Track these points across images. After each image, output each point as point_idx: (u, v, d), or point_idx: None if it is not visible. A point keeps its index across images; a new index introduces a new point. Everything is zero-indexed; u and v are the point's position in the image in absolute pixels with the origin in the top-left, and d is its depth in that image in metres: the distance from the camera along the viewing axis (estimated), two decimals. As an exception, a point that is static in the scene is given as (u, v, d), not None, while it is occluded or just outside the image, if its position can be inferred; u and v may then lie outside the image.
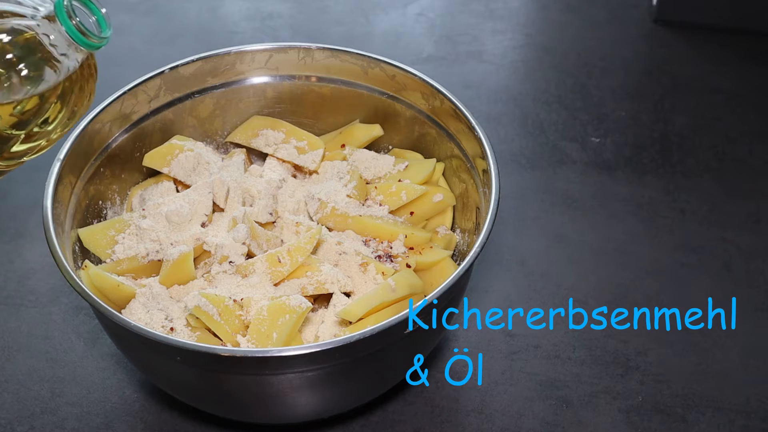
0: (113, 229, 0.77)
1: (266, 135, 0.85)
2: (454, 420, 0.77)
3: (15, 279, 0.88)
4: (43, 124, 0.59)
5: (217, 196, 0.79)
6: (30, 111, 0.58)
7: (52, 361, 0.81)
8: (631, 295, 0.87)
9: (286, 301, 0.68)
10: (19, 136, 0.59)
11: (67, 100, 0.60)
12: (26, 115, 0.58)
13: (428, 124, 0.83)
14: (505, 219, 0.94)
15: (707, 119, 1.07)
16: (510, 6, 1.27)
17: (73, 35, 0.57)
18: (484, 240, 0.67)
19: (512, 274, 0.89)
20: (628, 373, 0.81)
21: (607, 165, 1.01)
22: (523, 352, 0.82)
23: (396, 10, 1.26)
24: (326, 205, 0.77)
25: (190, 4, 1.26)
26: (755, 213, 0.96)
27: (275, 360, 0.62)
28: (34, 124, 0.59)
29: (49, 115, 0.59)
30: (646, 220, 0.95)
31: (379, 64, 0.83)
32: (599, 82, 1.13)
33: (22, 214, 0.94)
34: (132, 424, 0.76)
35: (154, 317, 0.70)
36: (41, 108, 0.58)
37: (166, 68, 0.82)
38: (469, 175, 0.79)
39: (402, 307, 0.69)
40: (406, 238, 0.77)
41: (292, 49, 0.84)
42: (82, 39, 0.57)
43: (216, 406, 0.72)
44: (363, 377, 0.69)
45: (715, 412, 0.78)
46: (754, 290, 0.88)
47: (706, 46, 1.18)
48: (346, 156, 0.84)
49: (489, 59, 1.17)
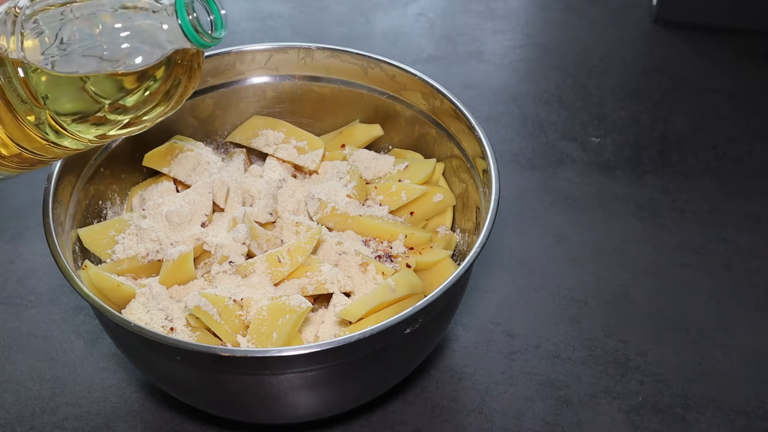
0: (113, 229, 0.77)
1: (266, 135, 0.85)
2: (454, 420, 0.77)
3: (15, 279, 0.88)
4: (123, 109, 0.59)
5: (217, 196, 0.79)
6: (122, 89, 0.58)
7: (52, 361, 0.81)
8: (631, 295, 0.87)
9: (286, 301, 0.68)
10: (102, 107, 0.59)
11: (158, 91, 0.59)
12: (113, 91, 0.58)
13: (428, 124, 0.83)
14: (505, 219, 0.94)
15: (707, 119, 1.07)
16: (510, 6, 1.27)
17: (186, 30, 0.56)
18: (484, 240, 0.67)
19: (512, 274, 0.89)
20: (628, 373, 0.81)
21: (607, 165, 1.01)
22: (523, 352, 0.82)
23: (396, 10, 1.26)
24: (326, 205, 0.77)
25: (190, 4, 1.26)
26: (755, 213, 0.96)
27: (275, 360, 0.62)
28: (116, 103, 0.58)
29: (134, 99, 0.59)
30: (646, 220, 0.95)
31: (379, 64, 0.83)
32: (599, 82, 1.13)
33: (22, 214, 0.94)
34: (132, 424, 0.76)
35: (154, 317, 0.70)
36: (130, 90, 0.58)
37: (166, 68, 0.82)
38: (469, 175, 0.79)
39: (402, 307, 0.69)
40: (406, 238, 0.77)
41: (292, 49, 0.84)
42: (194, 35, 0.57)
43: (216, 406, 0.72)
44: (363, 377, 0.69)
45: (715, 412, 0.78)
46: (754, 290, 0.88)
47: (706, 46, 1.18)
48: (346, 156, 0.84)
49: (489, 59, 1.17)
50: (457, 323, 0.84)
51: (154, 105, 0.59)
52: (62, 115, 0.58)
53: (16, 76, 0.57)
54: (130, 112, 0.59)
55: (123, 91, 0.58)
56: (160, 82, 0.58)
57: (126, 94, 0.58)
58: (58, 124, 0.58)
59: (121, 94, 0.58)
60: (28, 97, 0.57)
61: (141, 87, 0.58)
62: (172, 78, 0.59)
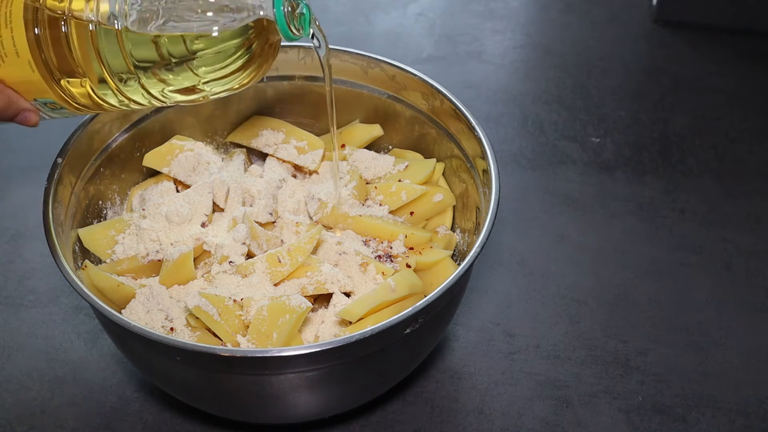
0: (113, 229, 0.77)
1: (266, 135, 0.85)
2: (454, 420, 0.77)
3: (15, 279, 0.88)
4: (204, 80, 0.61)
5: (217, 196, 0.79)
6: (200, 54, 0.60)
7: (52, 361, 0.81)
8: (631, 295, 0.87)
9: (286, 301, 0.68)
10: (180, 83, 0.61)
11: (234, 59, 0.61)
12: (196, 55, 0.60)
13: (428, 124, 0.83)
14: (505, 219, 0.94)
15: (707, 119, 1.07)
16: (510, 6, 1.27)
17: (279, 20, 0.60)
18: (484, 240, 0.67)
19: (512, 274, 0.89)
20: (628, 373, 0.81)
21: (607, 165, 1.01)
22: (523, 352, 0.82)
23: (396, 10, 1.26)
24: (326, 205, 0.77)
25: (190, 4, 1.26)
26: (755, 213, 0.96)
27: (275, 360, 0.62)
28: (194, 69, 0.60)
29: (211, 66, 0.61)
30: (646, 220, 0.95)
31: (379, 64, 0.83)
32: (599, 82, 1.13)
33: (22, 214, 0.94)
34: (132, 424, 0.76)
35: (154, 317, 0.70)
36: (208, 55, 0.60)
37: (166, 68, 0.82)
38: (469, 175, 0.79)
39: (402, 307, 0.69)
40: (406, 238, 0.77)
41: (292, 49, 0.84)
42: (284, 26, 0.60)
43: (216, 406, 0.72)
44: (363, 377, 0.69)
45: (715, 412, 0.78)
46: (754, 290, 0.88)
47: (706, 46, 1.18)
48: (346, 156, 0.84)
49: (489, 59, 1.17)
50: (457, 323, 0.84)
51: (221, 76, 0.61)
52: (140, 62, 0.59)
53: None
54: (195, 75, 0.60)
55: (195, 49, 0.59)
56: (233, 52, 0.60)
57: (191, 56, 0.60)
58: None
59: (192, 52, 0.60)
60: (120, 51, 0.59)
61: (213, 50, 0.60)
62: (245, 54, 0.61)
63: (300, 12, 0.62)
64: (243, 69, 0.62)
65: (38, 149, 1.01)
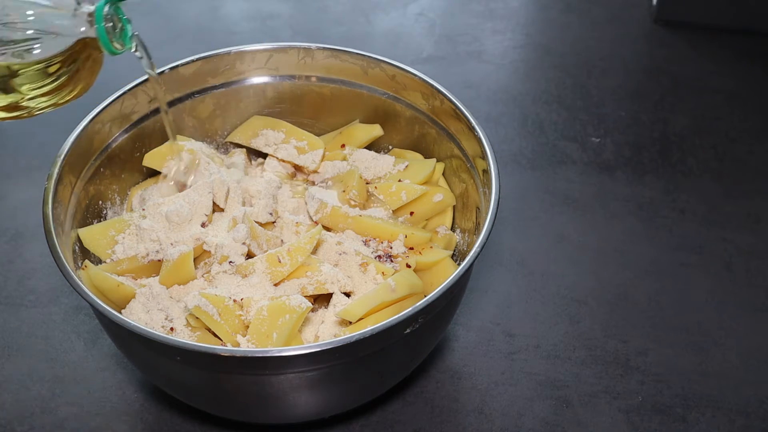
0: (113, 229, 0.77)
1: (266, 135, 0.85)
2: (454, 420, 0.77)
3: (15, 279, 0.88)
4: (26, 96, 0.62)
5: (217, 196, 0.79)
6: (21, 73, 0.62)
7: (52, 361, 0.81)
8: (631, 295, 0.87)
9: (286, 301, 0.68)
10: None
11: (57, 76, 0.63)
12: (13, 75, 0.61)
13: (428, 124, 0.83)
14: (505, 219, 0.94)
15: (707, 119, 1.07)
16: (510, 6, 1.27)
17: (101, 36, 0.62)
18: (484, 240, 0.67)
19: (512, 274, 0.89)
20: (628, 373, 0.81)
21: (607, 165, 1.01)
22: (523, 352, 0.82)
23: (396, 10, 1.26)
24: (326, 205, 0.77)
25: (190, 4, 1.26)
26: (755, 213, 0.96)
27: (275, 360, 0.62)
28: (17, 87, 0.62)
29: (34, 83, 0.62)
30: (646, 220, 0.95)
31: (379, 64, 0.83)
32: (599, 82, 1.13)
33: (22, 214, 0.94)
34: (132, 424, 0.76)
35: (154, 317, 0.70)
36: (28, 73, 0.62)
37: (166, 68, 0.82)
38: (469, 175, 0.79)
39: (402, 307, 0.69)
40: (406, 238, 0.77)
41: (292, 49, 0.84)
42: (107, 43, 0.63)
43: (216, 406, 0.72)
44: (363, 377, 0.69)
45: (715, 412, 0.78)
46: (754, 290, 0.88)
47: (706, 46, 1.18)
48: (346, 156, 0.84)
49: (489, 59, 1.17)
50: (457, 323, 0.84)
51: (44, 92, 0.63)
52: None
53: None
54: (15, 92, 0.62)
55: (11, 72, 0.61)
56: (57, 69, 0.62)
57: (13, 75, 0.61)
58: None
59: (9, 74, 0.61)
60: None
61: (31, 69, 0.61)
62: (68, 71, 0.63)
63: (121, 27, 0.65)
64: (67, 84, 0.64)
65: (38, 149, 1.01)
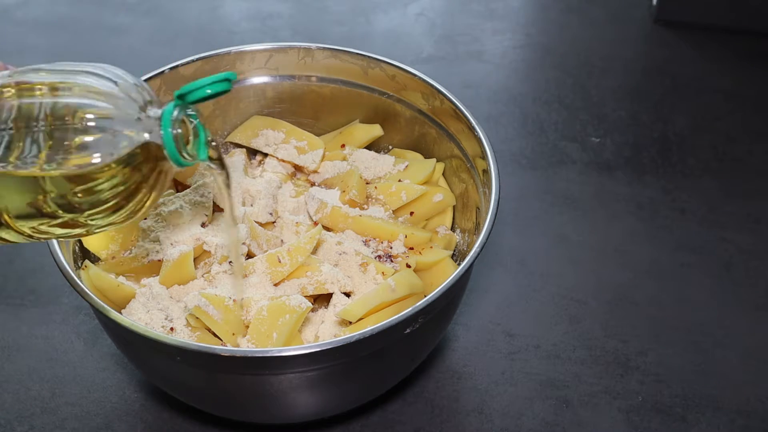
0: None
1: (266, 135, 0.85)
2: (454, 420, 0.77)
3: (15, 279, 0.88)
4: (86, 214, 0.55)
5: (217, 196, 0.79)
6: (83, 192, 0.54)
7: (52, 361, 0.81)
8: (631, 295, 0.87)
9: (286, 301, 0.68)
10: (60, 217, 0.54)
11: (122, 195, 0.54)
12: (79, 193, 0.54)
13: (428, 124, 0.83)
14: (505, 219, 0.94)
15: (707, 119, 1.07)
16: (510, 6, 1.27)
17: (167, 144, 0.54)
18: (484, 240, 0.67)
19: (512, 274, 0.89)
20: (628, 373, 0.81)
21: (607, 165, 1.01)
22: (523, 352, 0.82)
23: (396, 10, 1.26)
24: (326, 205, 0.77)
25: (190, 4, 1.27)
26: (755, 213, 0.96)
27: (275, 360, 0.62)
28: (79, 209, 0.54)
29: (96, 206, 0.54)
30: (646, 220, 0.95)
31: (379, 64, 0.83)
32: (599, 82, 1.13)
33: (22, 214, 0.94)
34: (132, 424, 0.76)
35: (154, 317, 0.70)
36: (92, 192, 0.54)
37: (166, 68, 0.82)
38: (469, 175, 0.79)
39: (402, 307, 0.69)
40: (406, 238, 0.77)
41: (292, 49, 0.84)
42: (174, 152, 0.54)
43: (216, 406, 0.72)
44: (363, 377, 0.69)
45: (715, 412, 0.78)
46: (754, 290, 0.88)
47: (706, 46, 1.18)
48: (346, 156, 0.84)
49: (489, 59, 1.17)
50: (457, 323, 0.84)
51: (105, 209, 0.54)
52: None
53: None
54: (75, 211, 0.54)
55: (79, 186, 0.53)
56: (117, 184, 0.54)
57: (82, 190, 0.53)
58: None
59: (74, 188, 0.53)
60: None
61: (97, 183, 0.53)
62: (129, 185, 0.54)
63: (195, 133, 0.56)
64: (129, 199, 0.54)
65: (38, 149, 1.01)
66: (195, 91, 0.55)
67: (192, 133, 0.56)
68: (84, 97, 0.53)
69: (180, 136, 0.54)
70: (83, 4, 1.27)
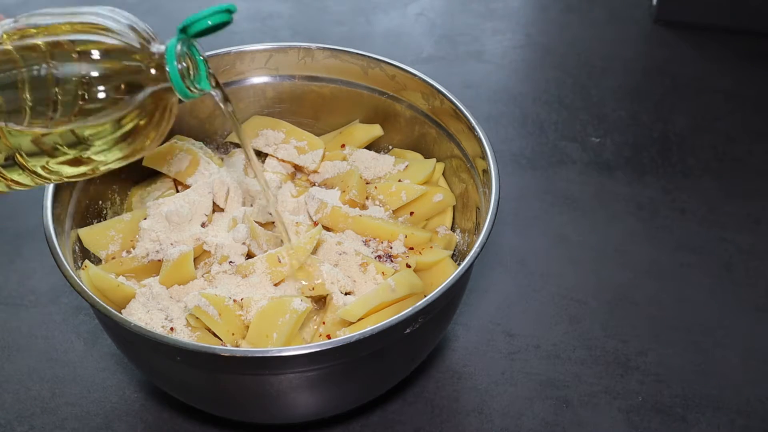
0: (113, 229, 0.77)
1: (266, 135, 0.85)
2: (454, 420, 0.77)
3: (15, 279, 0.88)
4: (93, 149, 0.57)
5: (217, 196, 0.79)
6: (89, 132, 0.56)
7: (52, 361, 0.81)
8: (631, 295, 0.87)
9: (286, 301, 0.68)
10: (67, 153, 0.56)
11: (129, 130, 0.56)
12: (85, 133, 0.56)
13: (428, 124, 0.83)
14: (505, 219, 0.94)
15: (707, 119, 1.07)
16: (510, 6, 1.27)
17: (174, 79, 0.56)
18: (484, 240, 0.67)
19: (512, 274, 0.89)
20: (628, 373, 0.81)
21: (607, 165, 1.01)
22: (523, 352, 0.82)
23: (396, 10, 1.26)
24: (326, 205, 0.77)
25: (190, 4, 1.26)
26: (755, 213, 0.96)
27: (275, 360, 0.62)
28: (84, 146, 0.56)
29: (103, 141, 0.56)
30: (646, 220, 0.95)
31: (379, 64, 0.83)
32: (599, 82, 1.13)
33: (22, 214, 0.94)
34: (132, 424, 0.76)
35: (154, 317, 0.70)
36: (98, 131, 0.56)
37: (166, 68, 0.82)
38: (469, 175, 0.79)
39: (402, 307, 0.69)
40: (406, 238, 0.77)
41: (292, 49, 0.84)
42: (180, 84, 0.56)
43: (216, 406, 0.72)
44: (363, 377, 0.69)
45: (715, 412, 0.78)
46: (754, 290, 0.88)
47: (706, 46, 1.18)
48: (346, 156, 0.84)
49: (489, 59, 1.17)
50: (457, 323, 0.84)
51: (112, 144, 0.56)
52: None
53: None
54: (81, 147, 0.56)
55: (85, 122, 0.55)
56: (122, 117, 0.56)
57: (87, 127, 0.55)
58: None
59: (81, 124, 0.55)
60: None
61: (104, 123, 0.55)
62: (134, 119, 0.56)
63: (196, 67, 0.58)
64: (137, 134, 0.56)
65: (38, 149, 1.01)
66: (196, 23, 0.57)
67: (192, 66, 0.58)
68: (89, 34, 0.55)
69: (185, 70, 0.56)
70: (83, 4, 1.27)
